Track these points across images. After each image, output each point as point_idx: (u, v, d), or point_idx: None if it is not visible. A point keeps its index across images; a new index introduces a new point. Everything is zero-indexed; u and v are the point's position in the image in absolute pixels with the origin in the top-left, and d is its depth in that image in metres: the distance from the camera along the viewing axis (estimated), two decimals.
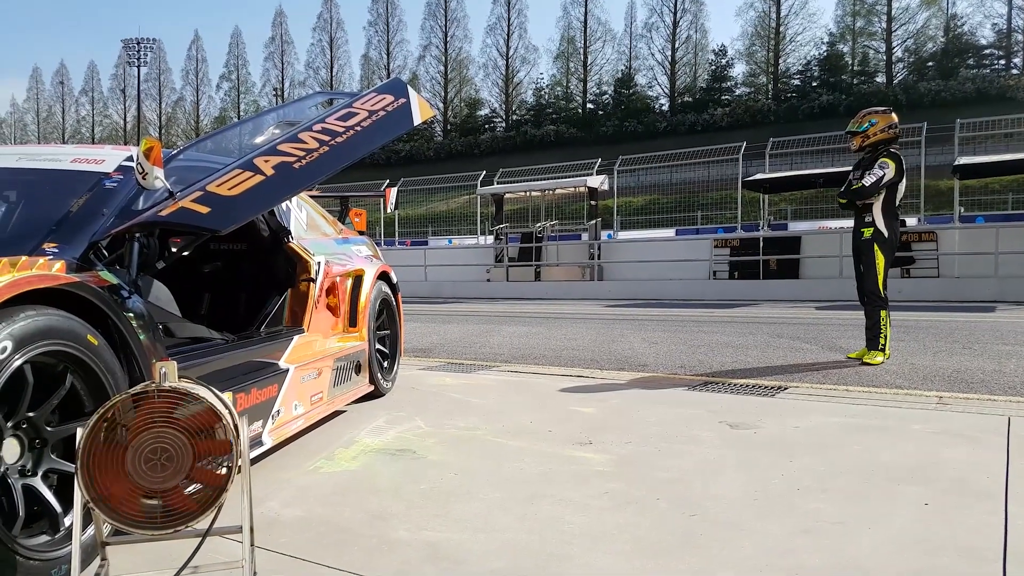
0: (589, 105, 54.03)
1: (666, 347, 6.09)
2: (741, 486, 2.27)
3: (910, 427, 3.00)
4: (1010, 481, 2.26)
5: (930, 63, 45.20)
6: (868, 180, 4.68)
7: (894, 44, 47.02)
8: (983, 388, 4.01)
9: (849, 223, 5.60)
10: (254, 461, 2.50)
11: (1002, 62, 45.73)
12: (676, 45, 52.02)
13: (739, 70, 51.17)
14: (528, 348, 6.24)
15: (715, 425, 3.08)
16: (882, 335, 4.79)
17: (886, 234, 4.75)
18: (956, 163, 13.26)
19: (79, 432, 1.35)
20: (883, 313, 4.78)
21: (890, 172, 4.66)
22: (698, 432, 2.97)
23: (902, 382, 4.19)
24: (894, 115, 4.87)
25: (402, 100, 2.81)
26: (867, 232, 4.80)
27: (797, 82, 48.72)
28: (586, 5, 54.67)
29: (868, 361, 4.80)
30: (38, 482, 1.65)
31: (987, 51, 46.08)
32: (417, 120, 2.84)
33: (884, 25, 47.49)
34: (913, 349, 5.61)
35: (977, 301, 10.80)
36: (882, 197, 4.73)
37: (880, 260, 4.74)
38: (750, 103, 46.71)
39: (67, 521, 1.65)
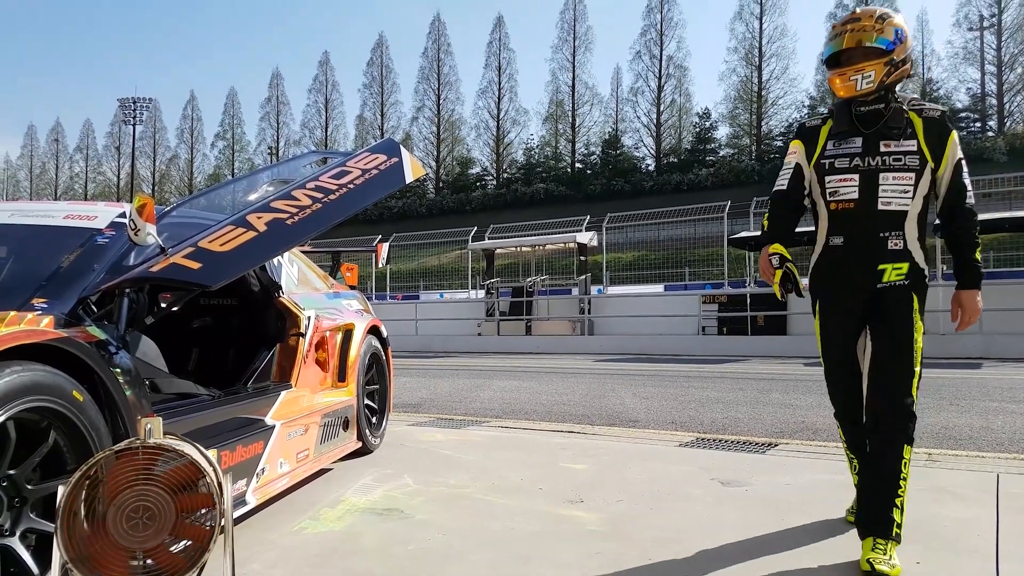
0: (577, 164, 55.22)
1: (657, 403, 6.06)
2: (734, 544, 2.23)
3: None
4: (1000, 539, 2.24)
5: None
6: (968, 182, 2.44)
7: None
8: (971, 445, 4.01)
9: None
10: (237, 521, 2.44)
11: (978, 124, 47.44)
12: (661, 108, 53.55)
13: (723, 132, 52.68)
14: (519, 403, 6.19)
15: (707, 482, 3.05)
16: (900, 495, 2.08)
17: (927, 273, 2.37)
18: (937, 222, 13.53)
19: (60, 490, 1.33)
20: (907, 449, 2.10)
21: None
22: (690, 489, 2.93)
23: None
24: None
25: (394, 159, 2.88)
26: (897, 273, 2.28)
27: (780, 143, 50.03)
28: (574, 71, 56.45)
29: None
30: (15, 542, 1.60)
31: (963, 114, 47.80)
32: (409, 178, 2.91)
33: None
34: None
35: (963, 357, 10.87)
36: (922, 203, 2.40)
37: (921, 328, 2.25)
38: (734, 164, 47.86)
39: None
